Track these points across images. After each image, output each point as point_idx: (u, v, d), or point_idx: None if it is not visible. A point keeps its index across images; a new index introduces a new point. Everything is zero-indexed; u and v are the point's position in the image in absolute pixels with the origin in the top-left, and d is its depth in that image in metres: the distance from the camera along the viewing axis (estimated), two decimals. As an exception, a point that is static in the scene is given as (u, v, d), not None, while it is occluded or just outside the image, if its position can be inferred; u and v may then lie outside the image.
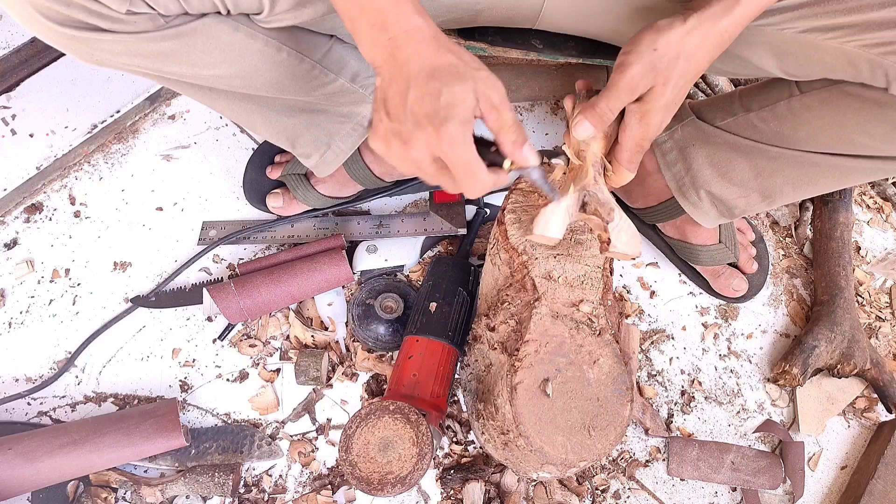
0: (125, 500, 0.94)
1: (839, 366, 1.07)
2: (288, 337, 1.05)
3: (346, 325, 1.07)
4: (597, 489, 1.00)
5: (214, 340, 1.05)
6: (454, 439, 1.00)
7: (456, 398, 1.03)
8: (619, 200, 1.08)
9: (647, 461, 1.03)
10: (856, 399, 1.09)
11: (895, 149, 0.76)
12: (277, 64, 0.74)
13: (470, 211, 1.14)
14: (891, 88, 0.67)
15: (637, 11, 0.75)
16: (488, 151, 0.60)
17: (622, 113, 0.67)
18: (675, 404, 1.07)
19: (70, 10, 0.59)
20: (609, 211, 0.70)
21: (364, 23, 0.56)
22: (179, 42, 0.66)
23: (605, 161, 0.71)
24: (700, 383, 1.09)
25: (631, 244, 0.72)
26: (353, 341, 1.05)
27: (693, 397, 1.08)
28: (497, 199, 1.14)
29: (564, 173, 0.74)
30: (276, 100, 0.81)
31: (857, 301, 1.17)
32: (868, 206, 1.26)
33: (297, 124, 0.86)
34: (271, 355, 1.04)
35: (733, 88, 1.19)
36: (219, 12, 0.66)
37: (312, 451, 0.99)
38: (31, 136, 1.12)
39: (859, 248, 1.22)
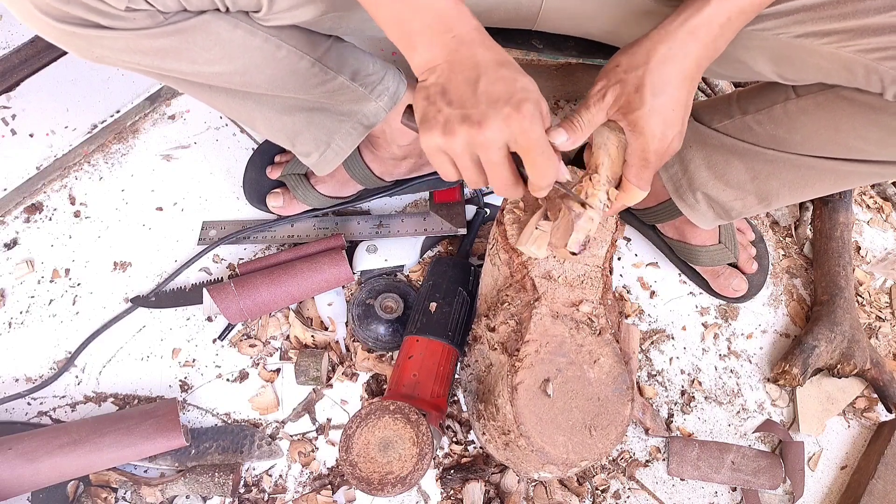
0: (125, 500, 0.94)
1: (839, 366, 1.07)
2: (288, 337, 1.05)
3: (346, 325, 1.07)
4: (597, 489, 1.00)
5: (214, 340, 1.05)
6: (454, 439, 1.00)
7: (456, 398, 1.03)
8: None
9: (647, 461, 1.03)
10: (856, 399, 1.09)
11: (890, 154, 0.76)
12: (277, 61, 0.74)
13: (470, 211, 1.14)
14: (886, 93, 0.67)
15: (631, 15, 0.75)
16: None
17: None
18: (675, 404, 1.07)
19: (70, 7, 0.59)
20: (557, 212, 0.73)
21: (419, 24, 0.57)
22: (179, 39, 0.66)
23: (611, 183, 0.71)
24: (700, 383, 1.09)
25: (561, 238, 0.72)
26: (353, 341, 1.05)
27: (693, 397, 1.08)
28: (497, 199, 1.14)
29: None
30: (275, 98, 0.81)
31: (857, 301, 1.17)
32: (868, 206, 1.26)
33: (296, 122, 0.86)
34: (271, 355, 1.04)
35: (733, 89, 1.19)
36: (218, 9, 0.66)
37: (312, 451, 0.99)
38: (31, 136, 1.12)
39: (859, 248, 1.22)
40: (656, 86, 0.63)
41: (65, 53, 1.12)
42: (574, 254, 0.69)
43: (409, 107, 0.63)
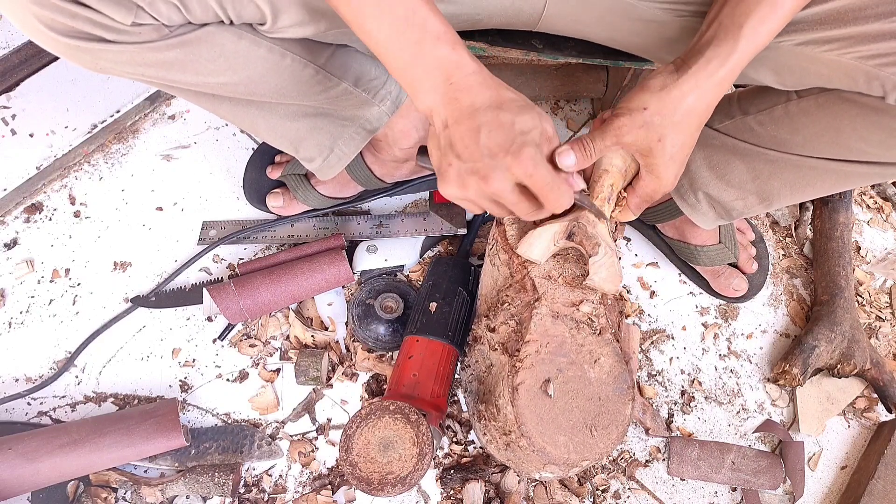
0: (125, 500, 0.94)
1: (839, 366, 1.07)
2: (288, 337, 1.05)
3: (346, 325, 1.07)
4: (597, 489, 1.00)
5: (214, 340, 1.05)
6: (454, 439, 1.00)
7: (456, 398, 1.03)
8: None
9: (647, 461, 1.03)
10: (856, 399, 1.09)
11: (892, 155, 0.76)
12: (282, 70, 0.74)
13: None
14: (888, 98, 0.67)
15: (633, 22, 0.76)
16: None
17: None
18: (675, 404, 1.07)
19: (75, 22, 0.59)
20: (594, 245, 0.74)
21: (419, 72, 0.59)
22: (184, 51, 0.66)
23: (620, 195, 0.75)
24: (700, 383, 1.09)
25: (608, 281, 0.77)
26: (353, 341, 1.05)
27: (693, 397, 1.08)
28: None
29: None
30: (279, 105, 0.81)
31: (857, 301, 1.17)
32: (868, 206, 1.26)
33: (300, 129, 0.86)
34: (271, 355, 1.04)
35: (733, 90, 1.19)
36: (222, 22, 0.66)
37: (312, 451, 0.99)
38: (31, 136, 1.12)
39: (859, 248, 1.22)
40: (677, 136, 0.65)
41: (65, 53, 1.12)
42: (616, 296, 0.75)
43: (423, 147, 0.66)
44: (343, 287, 1.09)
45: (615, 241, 0.90)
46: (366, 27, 0.58)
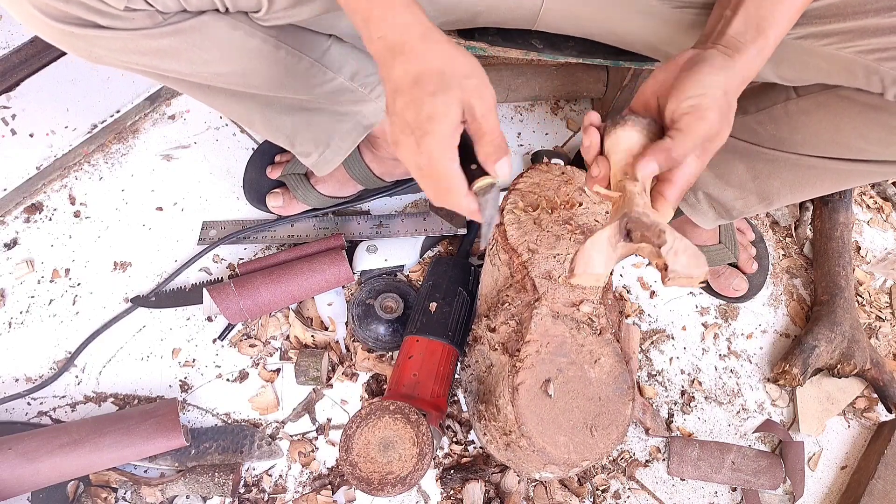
0: (125, 500, 0.94)
1: (839, 366, 1.07)
2: (288, 337, 1.05)
3: (346, 325, 1.07)
4: (597, 489, 1.00)
5: (214, 340, 1.05)
6: (454, 439, 1.00)
7: (456, 398, 1.03)
8: None
9: (647, 461, 1.03)
10: (856, 399, 1.09)
11: (892, 153, 0.76)
12: (276, 62, 0.74)
13: (470, 211, 1.13)
14: (887, 94, 0.67)
15: (632, 15, 0.75)
16: (469, 168, 0.60)
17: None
18: (675, 404, 1.07)
19: (68, 7, 0.59)
20: (659, 233, 0.59)
21: (357, 19, 0.56)
22: (178, 39, 0.66)
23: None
24: (700, 383, 1.09)
25: (692, 265, 0.60)
26: (353, 341, 1.05)
27: (693, 397, 1.08)
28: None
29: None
30: (274, 98, 0.81)
31: (857, 301, 1.17)
32: (868, 206, 1.26)
33: (296, 123, 0.86)
34: (271, 355, 1.04)
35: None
36: (217, 10, 0.66)
37: (312, 451, 0.99)
38: (31, 136, 1.12)
39: (859, 248, 1.22)
40: (731, 114, 0.59)
41: (65, 53, 1.12)
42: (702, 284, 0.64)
43: None
44: (343, 287, 1.09)
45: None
46: None
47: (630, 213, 0.59)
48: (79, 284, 1.07)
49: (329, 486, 0.97)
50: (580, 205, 0.89)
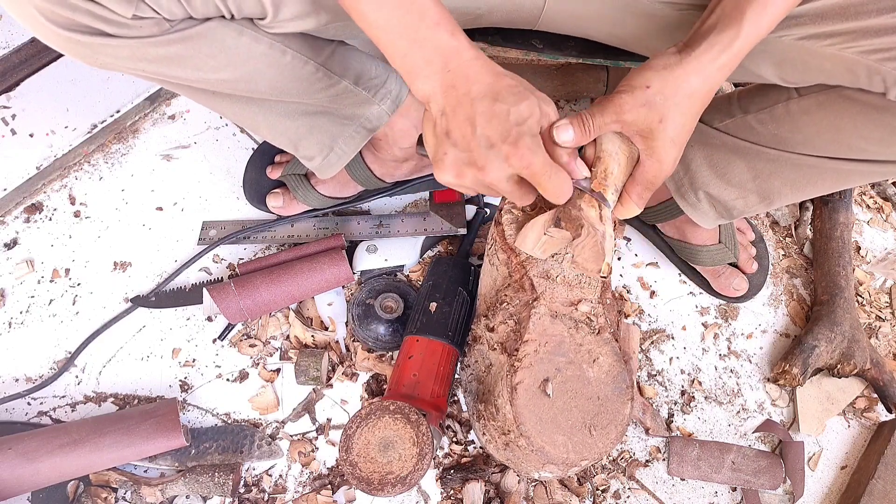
0: (125, 500, 0.94)
1: (839, 366, 1.07)
2: (288, 337, 1.05)
3: (346, 325, 1.07)
4: (597, 489, 1.00)
5: (214, 340, 1.05)
6: (454, 439, 1.00)
7: (456, 398, 1.03)
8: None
9: (647, 461, 1.03)
10: (856, 399, 1.09)
11: (892, 153, 0.76)
12: (282, 67, 0.74)
13: (470, 211, 1.14)
14: (889, 94, 0.67)
15: (633, 16, 0.75)
16: None
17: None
18: (675, 404, 1.07)
19: (75, 15, 0.59)
20: (577, 227, 0.73)
21: (419, 58, 0.59)
22: (184, 46, 0.66)
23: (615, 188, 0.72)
24: (700, 383, 1.09)
25: (589, 260, 0.76)
26: (353, 341, 1.05)
27: (693, 397, 1.08)
28: (496, 200, 1.14)
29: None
30: (279, 103, 0.81)
31: (857, 301, 1.17)
32: (868, 206, 1.26)
33: (300, 127, 0.86)
34: (271, 355, 1.04)
35: (734, 89, 1.19)
36: (223, 17, 0.66)
37: (312, 451, 0.99)
38: (31, 136, 1.12)
39: (859, 248, 1.22)
40: (679, 119, 0.63)
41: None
42: (604, 277, 0.71)
43: (421, 136, 0.66)
44: (343, 287, 1.09)
45: (615, 239, 0.89)
46: (364, 13, 0.58)
47: (563, 207, 0.72)
48: (79, 284, 1.07)
49: (329, 486, 0.97)
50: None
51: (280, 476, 0.98)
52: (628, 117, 0.63)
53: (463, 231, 1.10)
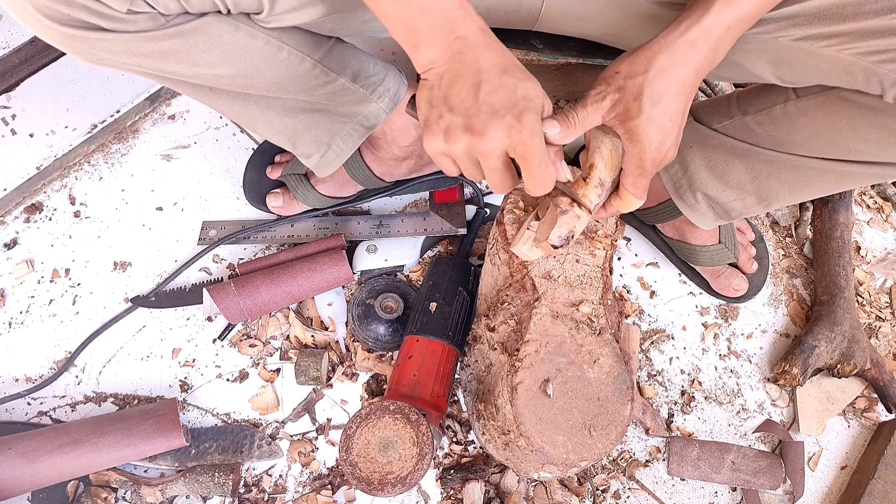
0: (125, 500, 0.94)
1: (839, 366, 1.07)
2: (288, 337, 1.05)
3: (346, 325, 1.07)
4: (597, 489, 1.00)
5: (214, 340, 1.05)
6: (454, 439, 1.00)
7: (456, 398, 1.03)
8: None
9: (647, 461, 1.03)
10: (856, 399, 1.09)
11: (891, 155, 0.76)
12: (278, 63, 0.74)
13: (470, 211, 1.14)
14: (886, 96, 0.67)
15: (632, 17, 0.75)
16: None
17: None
18: (675, 404, 1.07)
19: (71, 10, 0.59)
20: (545, 211, 0.73)
21: (426, 24, 0.58)
22: (180, 41, 0.66)
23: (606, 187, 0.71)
24: (700, 383, 1.09)
25: (544, 234, 0.72)
26: (353, 341, 1.05)
27: (693, 397, 1.08)
28: (497, 199, 1.15)
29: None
30: (276, 99, 0.81)
31: (857, 301, 1.17)
32: (868, 206, 1.26)
33: (297, 124, 0.86)
34: (271, 355, 1.04)
35: (733, 90, 1.19)
36: (219, 11, 0.66)
37: (312, 451, 0.99)
38: (31, 136, 1.12)
39: (859, 248, 1.22)
40: (654, 95, 0.63)
41: (65, 53, 1.12)
42: (555, 247, 0.69)
43: (414, 97, 0.65)
44: (343, 287, 1.09)
45: (614, 240, 0.89)
46: None
47: (542, 206, 0.73)
48: (79, 284, 1.07)
49: (329, 486, 0.97)
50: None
51: (280, 476, 0.98)
52: (605, 104, 0.64)
53: (463, 231, 1.10)
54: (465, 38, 0.58)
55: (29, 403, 1.00)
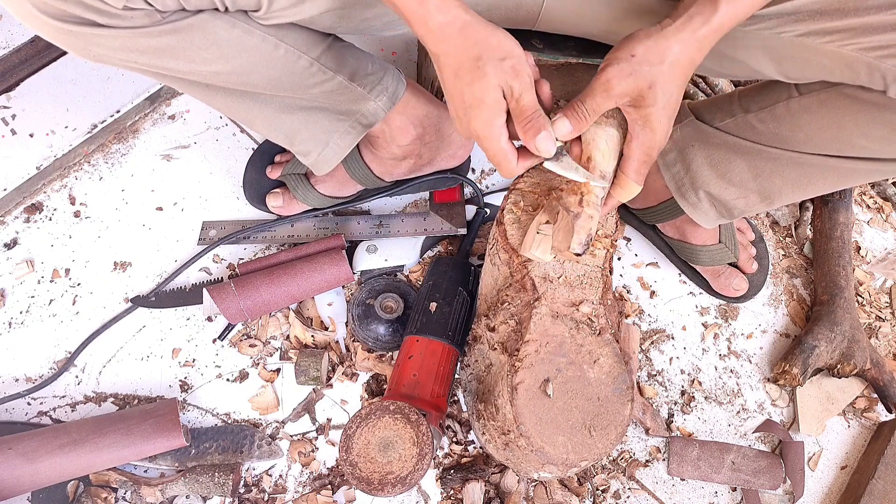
0: (125, 500, 0.94)
1: (839, 366, 1.07)
2: (288, 337, 1.05)
3: (346, 325, 1.07)
4: (597, 489, 1.00)
5: (214, 340, 1.05)
6: (454, 439, 1.00)
7: (456, 398, 1.03)
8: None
9: (647, 461, 1.03)
10: (856, 399, 1.09)
11: (893, 151, 0.76)
12: (275, 61, 0.74)
13: (470, 211, 1.14)
14: (889, 91, 0.67)
15: (632, 14, 0.76)
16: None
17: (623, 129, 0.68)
18: (676, 404, 1.07)
19: (67, 6, 0.59)
20: (555, 214, 0.74)
21: (409, 12, 0.60)
22: (176, 38, 0.66)
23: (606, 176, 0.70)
24: (700, 383, 1.09)
25: (563, 242, 0.73)
26: (353, 341, 1.05)
27: (693, 397, 1.08)
28: (497, 199, 1.14)
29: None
30: (273, 97, 0.81)
31: (857, 301, 1.17)
32: (868, 206, 1.26)
33: (295, 122, 0.86)
34: (271, 355, 1.04)
35: (733, 89, 1.19)
36: (216, 9, 0.66)
37: (312, 451, 0.99)
38: (31, 136, 1.12)
39: (859, 248, 1.22)
40: (666, 85, 0.63)
41: (65, 53, 1.13)
42: (578, 255, 0.69)
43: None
44: (343, 287, 1.09)
45: (614, 240, 0.89)
46: None
47: (548, 201, 0.76)
48: (79, 284, 1.07)
49: (329, 486, 0.97)
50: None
51: (280, 476, 0.98)
52: (618, 89, 0.63)
53: (463, 231, 1.10)
54: (434, 31, 0.61)
55: (29, 403, 1.00)
